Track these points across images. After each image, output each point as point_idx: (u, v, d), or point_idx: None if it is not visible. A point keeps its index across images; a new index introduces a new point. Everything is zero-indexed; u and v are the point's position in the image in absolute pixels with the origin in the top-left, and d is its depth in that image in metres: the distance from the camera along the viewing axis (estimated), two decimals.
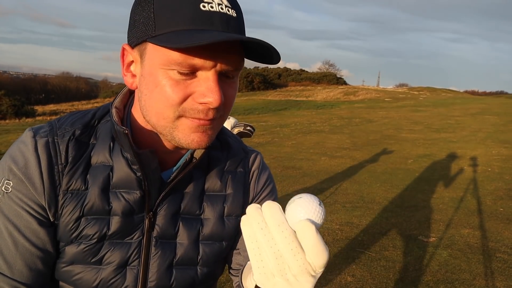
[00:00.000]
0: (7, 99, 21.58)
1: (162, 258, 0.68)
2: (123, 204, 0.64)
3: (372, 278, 2.82)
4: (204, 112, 0.57)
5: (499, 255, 3.21)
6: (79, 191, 0.63)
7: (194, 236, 0.70)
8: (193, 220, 0.70)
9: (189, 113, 0.57)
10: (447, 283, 2.75)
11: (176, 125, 0.59)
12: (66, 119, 0.67)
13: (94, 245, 0.64)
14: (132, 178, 0.64)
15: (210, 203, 0.71)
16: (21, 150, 0.62)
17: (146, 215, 0.66)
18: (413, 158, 7.22)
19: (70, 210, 0.63)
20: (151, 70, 0.57)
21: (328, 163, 6.79)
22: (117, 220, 0.64)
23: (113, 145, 0.65)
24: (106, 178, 0.64)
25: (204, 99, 0.56)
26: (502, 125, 11.94)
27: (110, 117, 0.66)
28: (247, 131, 3.39)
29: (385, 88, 42.38)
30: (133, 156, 0.62)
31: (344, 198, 4.78)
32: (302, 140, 9.36)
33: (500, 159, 7.16)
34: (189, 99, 0.57)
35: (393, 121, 13.37)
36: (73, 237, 0.64)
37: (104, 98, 42.68)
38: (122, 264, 0.66)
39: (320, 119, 14.11)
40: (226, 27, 0.55)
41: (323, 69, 53.90)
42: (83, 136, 0.65)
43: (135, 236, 0.66)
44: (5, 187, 0.61)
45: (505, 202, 4.69)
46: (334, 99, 28.98)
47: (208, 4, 0.54)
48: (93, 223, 0.64)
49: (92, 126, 0.67)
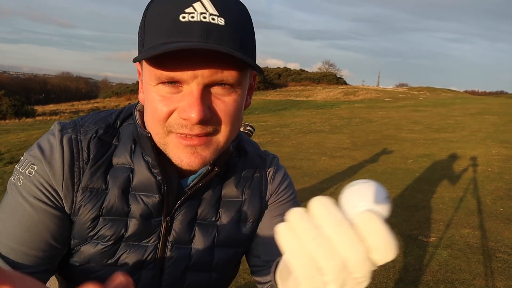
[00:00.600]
0: (7, 99, 21.59)
1: (177, 262, 0.68)
2: (142, 207, 0.65)
3: (372, 278, 2.82)
4: (188, 127, 0.56)
5: (499, 255, 3.21)
6: (99, 190, 0.64)
7: (209, 242, 0.70)
8: (209, 226, 0.70)
9: (174, 128, 0.57)
10: (447, 283, 2.75)
11: (167, 142, 0.60)
12: (90, 117, 0.68)
13: (111, 246, 0.65)
14: (152, 182, 0.65)
15: (226, 209, 0.71)
16: (49, 140, 0.64)
17: (164, 219, 0.67)
18: (413, 158, 7.22)
19: (89, 209, 0.63)
20: (145, 86, 0.59)
21: (328, 163, 6.79)
22: (134, 223, 0.65)
23: (134, 147, 0.66)
24: (126, 180, 0.65)
25: (184, 114, 0.55)
26: (502, 125, 11.94)
27: (133, 120, 0.68)
28: (247, 131, 3.39)
29: (385, 88, 42.39)
30: (154, 160, 0.63)
31: None
32: (302, 140, 9.36)
33: (500, 159, 7.16)
34: (174, 113, 0.57)
35: (393, 121, 13.36)
36: (89, 236, 0.64)
37: (104, 98, 42.65)
38: (138, 266, 0.66)
39: (320, 119, 14.11)
40: (206, 37, 0.52)
41: (323, 69, 53.91)
42: (106, 136, 0.66)
43: (151, 240, 0.67)
44: (29, 171, 0.63)
45: (505, 202, 4.68)
46: (334, 99, 28.98)
47: (189, 15, 0.52)
48: (111, 224, 0.64)
49: (115, 127, 0.68)
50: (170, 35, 0.53)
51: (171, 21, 0.53)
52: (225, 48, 0.51)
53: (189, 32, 0.52)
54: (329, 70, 53.35)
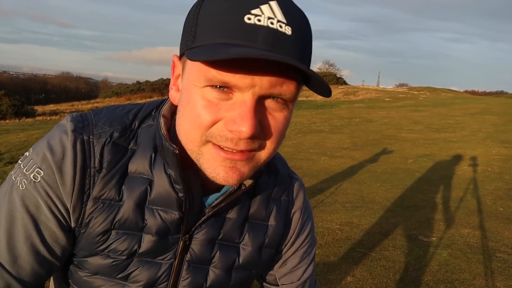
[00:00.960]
0: (7, 99, 21.58)
1: (192, 283, 0.64)
2: (159, 223, 0.60)
3: (372, 278, 2.82)
4: (233, 142, 0.50)
5: (499, 255, 3.21)
6: (112, 201, 0.58)
7: (229, 264, 0.66)
8: (231, 247, 0.66)
9: (217, 139, 0.51)
10: (447, 283, 2.75)
11: (202, 152, 0.53)
12: (104, 116, 0.60)
13: (123, 261, 0.60)
14: (173, 197, 0.59)
15: (252, 232, 0.67)
16: (62, 141, 0.56)
17: (182, 237, 0.62)
18: (413, 158, 7.22)
19: (101, 222, 0.58)
20: (188, 86, 0.52)
21: (328, 163, 6.79)
22: (149, 239, 0.60)
23: (155, 156, 0.59)
24: (143, 192, 0.59)
25: (233, 126, 0.49)
26: (502, 125, 11.93)
27: (153, 122, 0.61)
28: None
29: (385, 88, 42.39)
30: (178, 176, 0.57)
31: (344, 198, 4.77)
32: (302, 140, 9.36)
33: (500, 159, 7.15)
34: (219, 123, 0.50)
35: (393, 121, 13.36)
36: (100, 250, 0.60)
37: (104, 98, 42.68)
38: (150, 284, 0.62)
39: (320, 119, 14.11)
40: (271, 46, 0.47)
41: (323, 69, 53.89)
42: (122, 140, 0.59)
43: (166, 258, 0.62)
44: (34, 176, 0.56)
45: (505, 202, 4.68)
46: (334, 99, 28.98)
47: (255, 17, 0.47)
48: (124, 239, 0.59)
49: (132, 129, 0.60)
50: (231, 35, 0.47)
51: (234, 20, 0.47)
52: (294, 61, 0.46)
53: (254, 36, 0.47)
54: (329, 70, 53.32)
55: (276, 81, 0.49)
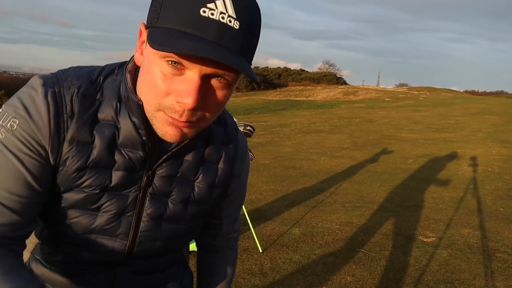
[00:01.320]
0: (7, 99, 21.58)
1: (154, 212, 0.75)
2: (127, 161, 0.70)
3: (372, 278, 2.82)
4: (179, 113, 0.60)
5: (499, 255, 3.21)
6: (85, 143, 0.67)
7: (185, 197, 0.77)
8: (187, 184, 0.77)
9: (167, 110, 0.60)
10: (447, 283, 2.75)
11: (156, 116, 0.63)
12: (72, 72, 0.69)
13: (95, 194, 0.70)
14: (138, 140, 0.69)
15: (205, 172, 0.78)
16: (31, 95, 0.64)
17: (145, 173, 0.72)
18: (413, 158, 7.22)
19: (76, 160, 0.66)
20: (148, 56, 0.60)
21: (328, 163, 6.80)
22: (119, 175, 0.70)
23: (119, 106, 0.68)
24: (112, 136, 0.68)
25: (180, 98, 0.58)
26: (502, 125, 11.93)
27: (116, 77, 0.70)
28: (247, 131, 3.39)
29: (385, 88, 42.37)
30: (141, 123, 0.67)
31: (344, 198, 4.78)
32: (302, 140, 9.36)
33: (500, 159, 7.16)
34: (170, 95, 0.59)
35: (393, 121, 13.36)
36: (75, 185, 0.68)
37: None
38: (119, 213, 0.73)
39: (320, 119, 14.11)
40: (219, 38, 0.55)
41: (323, 69, 53.89)
42: (89, 91, 0.67)
43: (132, 190, 0.72)
44: (10, 125, 0.64)
45: (505, 202, 4.69)
46: (334, 99, 28.98)
47: (209, 11, 0.54)
48: (97, 175, 0.68)
49: (98, 83, 0.69)
50: (187, 25, 0.55)
51: (192, 11, 0.55)
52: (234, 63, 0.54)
53: (206, 28, 0.55)
54: (329, 70, 53.32)
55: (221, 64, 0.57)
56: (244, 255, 3.12)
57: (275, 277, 2.79)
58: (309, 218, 4.01)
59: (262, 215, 4.05)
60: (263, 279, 2.77)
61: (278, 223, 3.85)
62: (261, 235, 3.49)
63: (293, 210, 4.24)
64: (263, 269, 2.91)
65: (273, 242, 3.39)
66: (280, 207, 4.34)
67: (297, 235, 3.55)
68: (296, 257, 3.11)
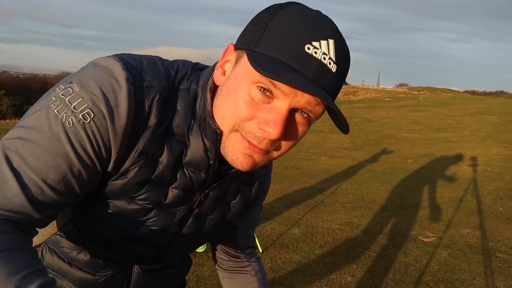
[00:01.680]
0: (7, 99, 21.61)
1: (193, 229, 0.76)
2: (187, 181, 0.68)
3: (372, 278, 2.82)
4: (259, 140, 0.58)
5: (499, 255, 3.21)
6: (154, 156, 0.64)
7: (222, 217, 0.79)
8: (226, 204, 0.78)
9: (246, 134, 0.59)
10: (447, 283, 2.75)
11: (230, 137, 0.61)
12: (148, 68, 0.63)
13: (147, 208, 0.69)
14: (205, 163, 0.67)
15: (243, 194, 0.80)
16: (114, 88, 0.58)
17: (199, 195, 0.72)
18: (413, 158, 7.22)
19: (142, 173, 0.64)
20: (237, 77, 0.59)
21: (328, 163, 6.79)
22: (175, 193, 0.69)
23: (193, 123, 0.65)
24: (180, 153, 0.65)
25: (265, 127, 0.57)
26: (502, 125, 11.93)
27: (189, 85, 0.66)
28: None
29: (385, 88, 42.35)
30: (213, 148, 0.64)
31: (344, 198, 4.77)
32: (302, 140, 9.35)
33: (500, 159, 7.15)
34: (253, 121, 0.58)
35: (393, 121, 13.36)
36: (131, 196, 0.66)
37: None
38: (163, 228, 0.72)
39: (320, 119, 13.99)
40: (317, 77, 0.56)
41: None
42: (168, 99, 0.63)
43: (181, 209, 0.72)
44: (83, 116, 0.56)
45: (505, 202, 4.68)
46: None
47: (313, 49, 0.55)
48: (156, 191, 0.67)
49: (175, 88, 0.64)
50: (290, 57, 0.55)
51: (296, 44, 0.55)
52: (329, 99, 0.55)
53: (307, 65, 0.55)
54: None
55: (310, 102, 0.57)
56: None
57: (275, 277, 2.79)
58: (309, 218, 4.01)
59: (262, 215, 4.05)
60: None
61: (278, 223, 3.85)
62: (261, 235, 3.49)
63: (293, 210, 4.24)
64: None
65: (273, 242, 3.39)
66: (280, 207, 4.34)
67: (297, 235, 3.55)
68: (296, 257, 3.10)
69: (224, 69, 0.63)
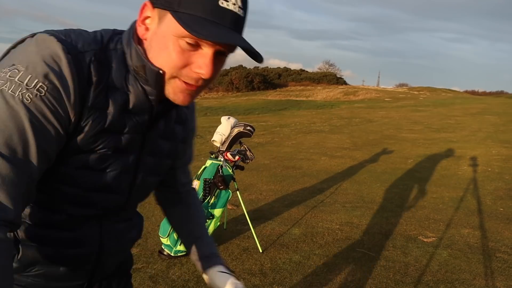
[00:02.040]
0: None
1: (147, 168, 0.86)
2: (135, 124, 0.77)
3: (372, 278, 2.82)
4: (195, 80, 0.71)
5: (499, 255, 3.21)
6: (102, 109, 0.72)
7: (166, 154, 0.90)
8: (167, 142, 0.89)
9: (184, 77, 0.70)
10: (447, 283, 2.75)
11: (170, 82, 0.72)
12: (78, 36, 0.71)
13: (106, 155, 0.76)
14: (146, 105, 0.77)
15: (178, 129, 0.91)
16: (55, 60, 0.65)
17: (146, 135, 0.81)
18: (413, 158, 7.22)
19: (95, 126, 0.72)
20: (165, 34, 0.68)
21: (328, 163, 6.80)
22: (127, 137, 0.78)
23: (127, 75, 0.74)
24: (124, 102, 0.74)
25: (199, 70, 0.69)
26: (502, 125, 11.94)
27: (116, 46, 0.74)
28: (247, 131, 3.39)
29: (385, 88, 42.35)
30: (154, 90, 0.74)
31: (344, 198, 4.78)
32: (302, 140, 9.36)
33: (500, 159, 7.16)
34: (187, 67, 0.69)
35: (393, 121, 13.37)
36: (89, 148, 0.74)
37: None
38: (122, 171, 0.81)
39: (320, 119, 14.11)
40: (234, 26, 0.67)
41: (323, 69, 53.87)
42: (102, 58, 0.72)
43: (134, 150, 0.81)
44: (38, 89, 0.63)
45: (505, 202, 4.69)
46: (334, 99, 28.98)
47: (226, 2, 0.66)
48: (111, 138, 0.75)
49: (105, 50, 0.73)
50: (208, 13, 0.65)
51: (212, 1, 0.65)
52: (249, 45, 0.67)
53: (224, 17, 0.66)
54: (329, 70, 53.28)
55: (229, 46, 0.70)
56: (244, 255, 3.12)
57: (275, 277, 2.79)
58: (309, 218, 4.01)
59: (262, 215, 4.05)
60: (263, 279, 2.77)
61: (278, 223, 3.85)
62: (261, 235, 3.49)
63: (293, 210, 4.24)
64: (263, 269, 2.91)
65: (273, 242, 3.39)
66: (280, 207, 4.34)
67: (297, 235, 3.55)
68: (296, 257, 3.11)
69: (146, 25, 0.71)
